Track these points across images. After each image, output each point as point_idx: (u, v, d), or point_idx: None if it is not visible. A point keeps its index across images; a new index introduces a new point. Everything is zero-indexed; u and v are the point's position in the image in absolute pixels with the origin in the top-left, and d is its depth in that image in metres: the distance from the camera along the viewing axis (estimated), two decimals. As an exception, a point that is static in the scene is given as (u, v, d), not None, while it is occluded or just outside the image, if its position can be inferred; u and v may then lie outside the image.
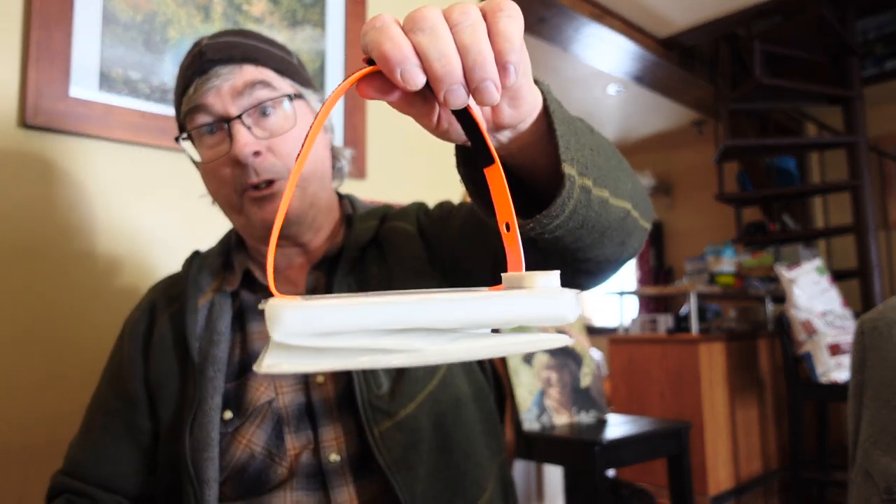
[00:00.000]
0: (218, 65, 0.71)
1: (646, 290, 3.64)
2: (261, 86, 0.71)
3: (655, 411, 3.01)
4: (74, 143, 1.11)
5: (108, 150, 1.15)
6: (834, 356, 2.67)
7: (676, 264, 5.46)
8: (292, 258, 0.79)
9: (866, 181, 3.27)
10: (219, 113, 0.70)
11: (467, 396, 0.75)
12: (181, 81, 0.74)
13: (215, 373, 0.71)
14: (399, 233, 0.78)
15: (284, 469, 0.69)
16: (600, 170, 0.50)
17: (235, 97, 0.70)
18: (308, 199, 0.75)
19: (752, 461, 3.10)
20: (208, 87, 0.70)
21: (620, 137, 5.40)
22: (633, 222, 0.58)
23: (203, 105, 0.70)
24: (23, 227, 1.05)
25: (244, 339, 0.75)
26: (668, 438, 1.68)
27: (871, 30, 3.70)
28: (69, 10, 1.09)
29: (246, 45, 0.74)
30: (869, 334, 0.72)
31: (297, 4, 1.42)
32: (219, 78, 0.70)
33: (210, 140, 0.72)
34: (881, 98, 4.15)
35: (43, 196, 1.08)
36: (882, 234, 4.28)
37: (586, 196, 0.48)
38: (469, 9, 0.35)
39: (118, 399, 0.77)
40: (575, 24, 3.06)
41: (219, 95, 0.70)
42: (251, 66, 0.72)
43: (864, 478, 0.67)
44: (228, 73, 0.70)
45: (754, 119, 4.32)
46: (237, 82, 0.70)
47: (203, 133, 0.72)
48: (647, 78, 3.75)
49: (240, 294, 0.78)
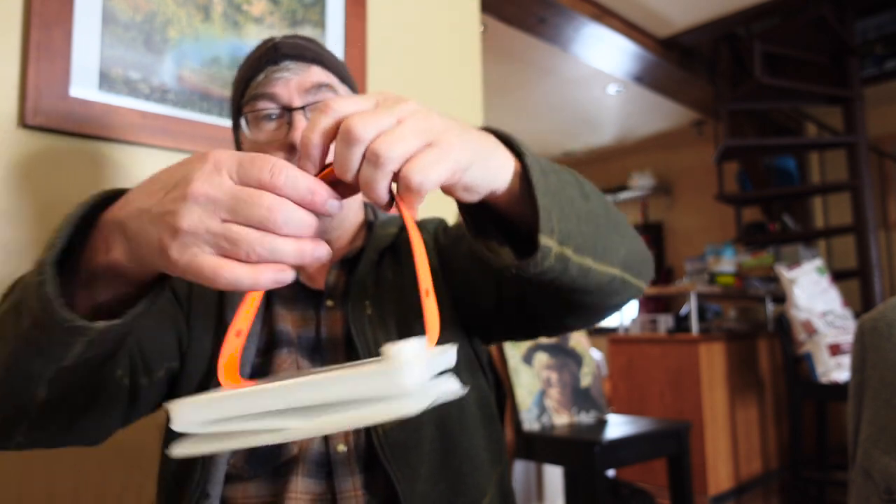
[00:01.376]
0: (290, 60, 0.77)
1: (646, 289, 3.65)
2: (326, 88, 0.78)
3: (655, 411, 3.01)
4: (74, 143, 1.11)
5: (108, 150, 1.15)
6: (834, 356, 2.67)
7: (676, 264, 5.46)
8: None
9: (866, 181, 3.27)
10: (284, 102, 0.76)
11: (471, 400, 0.77)
12: (250, 68, 0.80)
13: (248, 344, 0.73)
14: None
15: (295, 447, 0.70)
16: (586, 238, 0.53)
17: (302, 92, 0.76)
18: (348, 200, 0.79)
19: (751, 461, 3.10)
20: (278, 76, 0.76)
21: (620, 137, 5.40)
22: (620, 284, 0.62)
23: (271, 94, 0.76)
24: (22, 227, 1.05)
25: (271, 318, 0.78)
26: (668, 438, 1.68)
27: (870, 30, 3.69)
28: (69, 10, 1.09)
29: (315, 48, 0.82)
30: (869, 334, 0.72)
31: (297, 4, 1.42)
32: (289, 71, 0.76)
33: (268, 125, 0.77)
34: (881, 98, 4.15)
35: (42, 196, 1.08)
36: (882, 234, 4.28)
37: (563, 264, 0.51)
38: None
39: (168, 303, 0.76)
40: (575, 24, 3.06)
41: (287, 87, 0.76)
42: (318, 68, 0.79)
43: (864, 477, 0.67)
44: (298, 69, 0.77)
45: (754, 119, 4.32)
46: (305, 80, 0.77)
47: (261, 118, 0.77)
48: (646, 78, 3.75)
49: None
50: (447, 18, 1.82)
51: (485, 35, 3.03)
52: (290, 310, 0.79)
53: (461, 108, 1.83)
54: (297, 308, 0.79)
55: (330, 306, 0.79)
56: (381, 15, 1.62)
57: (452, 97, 1.80)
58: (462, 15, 1.87)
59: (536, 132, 5.10)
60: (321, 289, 0.80)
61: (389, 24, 1.64)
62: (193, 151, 1.24)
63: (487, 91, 3.95)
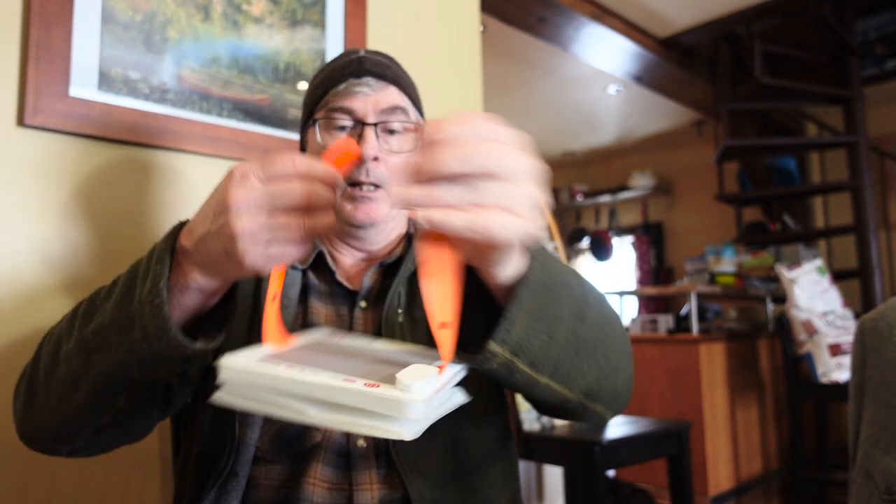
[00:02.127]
0: (372, 76, 0.82)
1: (646, 290, 3.64)
2: (400, 111, 0.82)
3: (655, 411, 3.01)
4: (73, 144, 1.11)
5: (108, 150, 1.15)
6: (834, 356, 2.66)
7: (676, 264, 5.46)
8: (357, 257, 0.87)
9: (867, 181, 3.27)
10: (359, 116, 0.80)
11: (484, 413, 0.79)
12: (332, 76, 0.83)
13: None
14: None
15: (319, 435, 0.73)
16: (549, 358, 0.57)
17: (377, 111, 0.80)
18: (396, 211, 0.84)
19: (752, 461, 3.10)
20: (358, 90, 0.80)
21: (620, 137, 5.40)
22: (577, 406, 0.65)
23: (349, 108, 0.80)
24: (22, 227, 1.05)
25: (305, 311, 0.80)
26: (668, 438, 1.68)
27: (871, 30, 3.69)
28: (68, 9, 1.09)
29: (396, 70, 0.87)
30: (869, 334, 0.72)
31: (297, 4, 1.42)
32: (369, 87, 0.81)
33: (339, 134, 0.81)
34: (881, 98, 4.15)
35: (42, 196, 1.08)
36: (882, 234, 4.28)
37: (508, 371, 0.55)
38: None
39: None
40: (575, 24, 3.06)
41: (365, 103, 0.80)
42: (396, 89, 0.83)
43: (865, 478, 0.67)
44: (378, 86, 0.81)
45: (754, 119, 4.32)
46: (383, 99, 0.81)
47: (334, 127, 0.81)
48: (646, 78, 3.75)
49: (307, 273, 0.83)
50: (447, 18, 1.82)
51: (485, 35, 3.03)
52: (325, 304, 0.81)
53: (461, 108, 1.82)
54: (332, 304, 0.82)
55: (363, 307, 0.81)
56: (381, 15, 1.62)
57: (452, 97, 1.80)
58: (462, 15, 1.87)
59: (536, 132, 5.10)
60: (357, 289, 0.82)
61: (389, 25, 1.64)
62: (193, 151, 1.24)
63: (487, 91, 3.95)
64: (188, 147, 1.23)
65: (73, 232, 1.11)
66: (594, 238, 5.69)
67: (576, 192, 6.00)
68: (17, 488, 1.01)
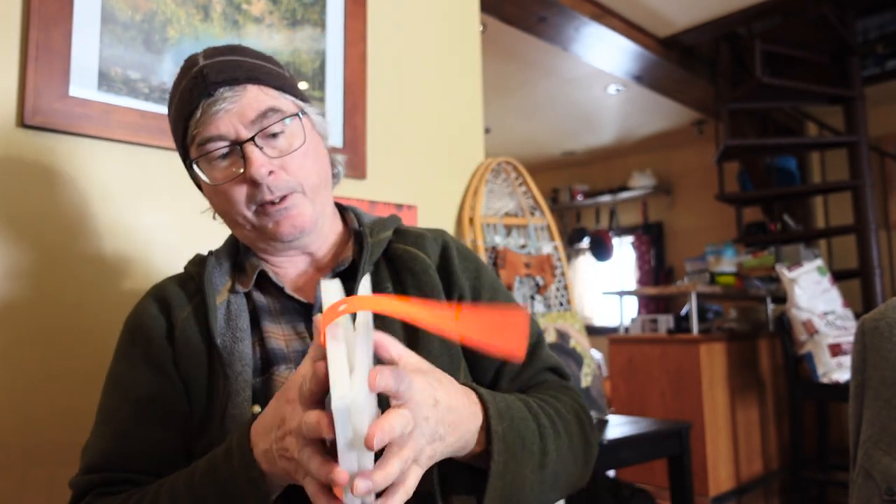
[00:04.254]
0: (222, 86, 0.73)
1: (646, 290, 3.64)
2: (271, 112, 0.74)
3: (655, 411, 3.01)
4: (73, 143, 1.11)
5: (107, 149, 1.15)
6: (835, 356, 2.66)
7: (677, 264, 5.46)
8: (301, 267, 0.83)
9: (867, 181, 3.27)
10: (231, 138, 0.73)
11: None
12: (184, 102, 0.75)
13: (243, 367, 0.73)
14: (417, 261, 0.82)
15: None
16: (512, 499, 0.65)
17: (247, 123, 0.73)
18: (318, 208, 0.79)
19: (752, 461, 3.10)
20: (216, 110, 0.72)
21: (620, 137, 5.40)
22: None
23: (216, 135, 0.73)
24: (21, 227, 1.05)
25: (261, 336, 0.77)
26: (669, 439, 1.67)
27: (871, 29, 3.69)
28: (68, 9, 1.09)
29: (245, 64, 0.76)
30: (870, 334, 0.71)
31: (297, 4, 1.42)
32: (225, 101, 0.73)
33: (222, 163, 0.75)
34: (882, 98, 4.14)
35: (41, 196, 1.08)
36: (883, 234, 4.28)
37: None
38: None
39: (155, 382, 0.75)
40: (575, 24, 3.06)
41: (229, 121, 0.73)
42: (254, 87, 0.75)
43: (865, 478, 0.67)
44: (234, 95, 0.73)
45: (754, 119, 4.31)
46: (246, 109, 0.73)
47: (213, 159, 0.75)
48: (647, 78, 3.75)
49: (252, 294, 0.80)
50: (447, 18, 1.82)
51: (485, 35, 3.03)
52: (280, 324, 0.78)
53: (461, 108, 1.82)
54: (287, 322, 0.78)
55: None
56: (380, 15, 1.62)
57: (452, 97, 1.80)
58: (462, 15, 1.87)
59: (536, 132, 5.09)
60: (310, 301, 0.79)
61: (389, 25, 1.64)
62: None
63: (487, 91, 3.94)
64: (188, 147, 1.23)
65: (73, 232, 1.11)
66: (594, 238, 5.69)
67: (576, 192, 6.00)
68: (17, 488, 1.01)
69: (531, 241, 1.91)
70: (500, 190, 1.91)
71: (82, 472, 0.74)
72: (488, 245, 1.77)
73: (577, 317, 1.90)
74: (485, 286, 0.85)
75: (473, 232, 1.75)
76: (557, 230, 2.02)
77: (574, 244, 6.03)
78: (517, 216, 1.93)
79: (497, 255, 1.76)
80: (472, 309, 0.56)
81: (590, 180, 6.13)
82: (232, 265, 0.83)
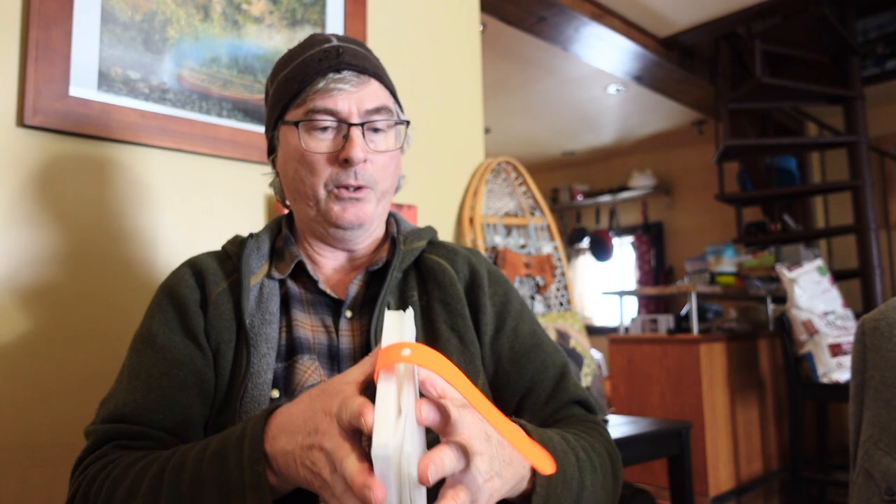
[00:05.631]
0: (352, 70, 0.78)
1: (646, 290, 3.64)
2: (385, 111, 0.80)
3: (655, 411, 3.00)
4: (73, 143, 1.11)
5: (107, 149, 1.15)
6: (835, 356, 2.66)
7: (677, 264, 5.46)
8: (339, 262, 0.86)
9: (867, 181, 3.27)
10: (343, 116, 0.77)
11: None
12: (308, 68, 0.78)
13: (268, 350, 0.75)
14: (446, 274, 0.85)
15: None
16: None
17: (362, 112, 0.78)
18: (379, 210, 0.82)
19: (752, 461, 3.10)
20: (340, 87, 0.77)
21: (620, 137, 5.40)
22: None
23: (332, 110, 0.77)
24: (21, 227, 1.05)
25: (289, 323, 0.79)
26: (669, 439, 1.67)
27: (871, 29, 3.69)
28: (68, 9, 1.09)
29: (373, 59, 0.83)
30: (870, 334, 0.71)
31: (297, 4, 1.42)
32: (350, 84, 0.77)
33: (322, 134, 0.78)
34: (882, 98, 4.15)
35: (41, 196, 1.08)
36: (883, 234, 4.28)
37: None
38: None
39: (188, 348, 0.75)
40: (575, 24, 3.06)
41: (348, 102, 0.77)
42: (377, 84, 0.80)
43: (865, 478, 0.67)
44: (359, 82, 0.78)
45: (754, 119, 4.31)
46: (366, 99, 0.78)
47: (316, 129, 0.77)
48: (647, 78, 3.75)
49: (286, 282, 0.82)
50: (447, 18, 1.81)
51: (485, 35, 3.03)
52: (309, 314, 0.80)
53: (461, 108, 1.82)
54: (316, 314, 0.80)
55: (349, 317, 0.80)
56: (380, 15, 1.62)
57: (452, 97, 1.80)
58: (462, 15, 1.87)
59: (536, 132, 5.09)
60: (341, 298, 0.81)
61: (389, 24, 1.64)
62: (192, 151, 1.24)
63: (487, 91, 3.95)
64: (188, 147, 1.23)
65: (73, 231, 1.11)
66: (594, 238, 5.69)
67: (576, 192, 6.00)
68: (17, 488, 1.01)
69: (531, 240, 1.91)
70: (500, 190, 1.91)
71: (102, 421, 0.72)
72: (488, 245, 1.77)
73: (577, 317, 1.90)
74: (510, 314, 0.85)
75: (473, 232, 1.75)
76: (557, 230, 2.02)
77: (574, 244, 6.03)
78: (517, 216, 1.93)
79: (497, 255, 1.76)
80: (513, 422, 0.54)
81: (590, 180, 6.13)
82: (270, 250, 0.85)
